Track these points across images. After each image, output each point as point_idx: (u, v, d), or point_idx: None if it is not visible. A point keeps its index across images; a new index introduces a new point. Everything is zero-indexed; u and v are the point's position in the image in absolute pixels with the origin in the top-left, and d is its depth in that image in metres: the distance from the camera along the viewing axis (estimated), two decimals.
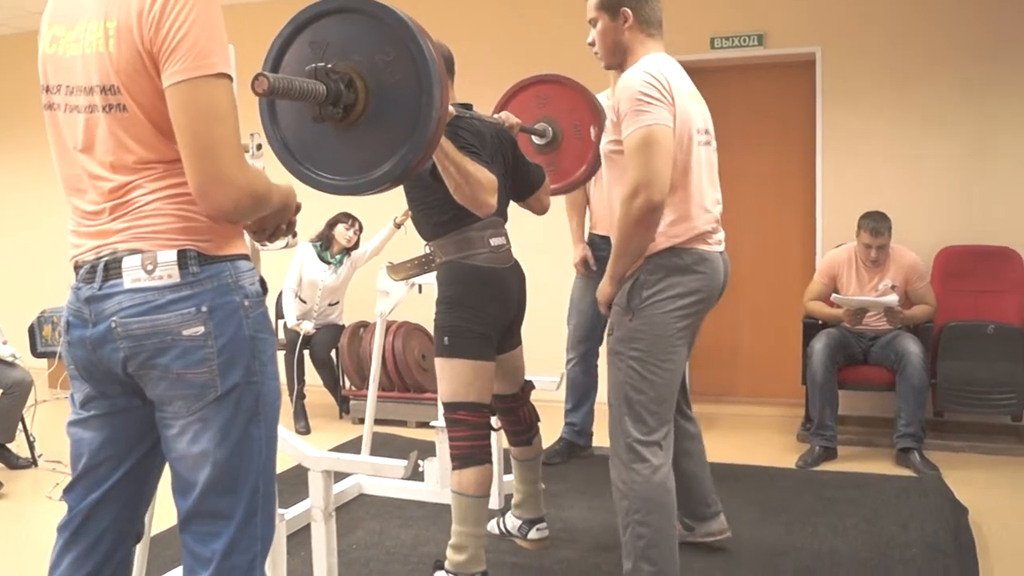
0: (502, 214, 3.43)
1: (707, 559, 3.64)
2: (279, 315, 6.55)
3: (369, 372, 4.97)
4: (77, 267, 1.98)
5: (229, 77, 1.87)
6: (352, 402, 6.37)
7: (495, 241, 3.35)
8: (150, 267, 1.87)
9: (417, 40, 2.22)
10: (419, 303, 3.69)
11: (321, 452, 3.08)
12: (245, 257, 2.01)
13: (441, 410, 3.39)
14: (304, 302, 6.32)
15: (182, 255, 1.88)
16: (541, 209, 3.67)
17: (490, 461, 3.31)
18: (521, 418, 3.66)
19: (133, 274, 1.88)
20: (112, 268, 1.90)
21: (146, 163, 1.90)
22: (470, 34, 6.75)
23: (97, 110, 1.91)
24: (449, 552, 3.30)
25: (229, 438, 1.95)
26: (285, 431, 2.97)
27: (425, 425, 5.63)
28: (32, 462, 5.32)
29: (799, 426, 5.66)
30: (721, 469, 4.84)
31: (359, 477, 4.53)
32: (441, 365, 3.32)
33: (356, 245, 6.41)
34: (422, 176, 3.16)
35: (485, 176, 3.05)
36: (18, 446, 5.33)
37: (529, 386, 3.69)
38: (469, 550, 3.26)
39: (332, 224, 6.33)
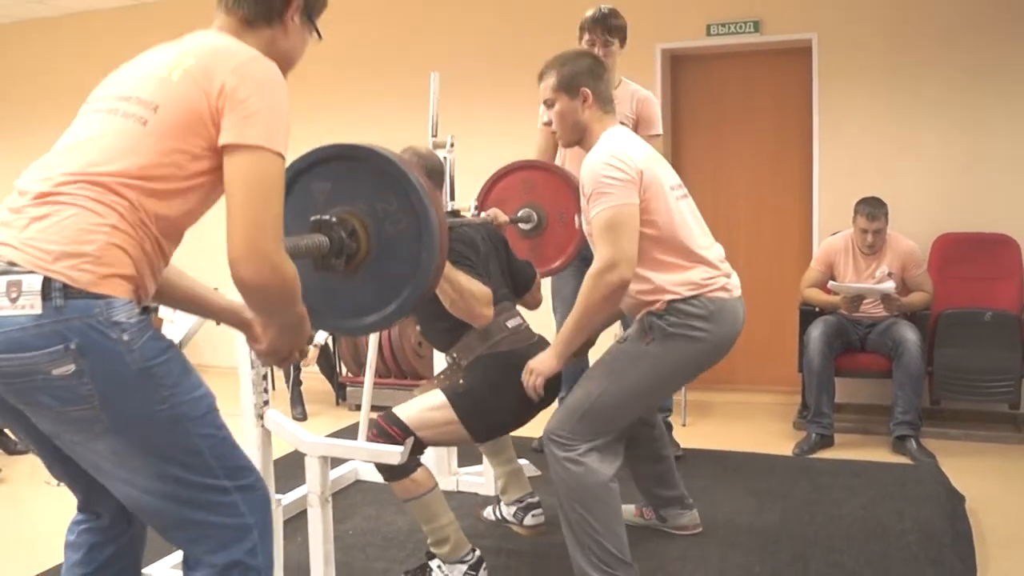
0: (508, 298, 3.45)
1: (704, 546, 3.65)
2: None
3: (365, 358, 4.97)
4: None
5: (283, 161, 1.92)
6: (348, 388, 6.37)
7: (512, 323, 3.36)
8: (14, 295, 1.75)
9: (418, 192, 2.25)
10: None
11: (317, 438, 3.07)
12: (123, 299, 1.84)
13: (382, 413, 3.28)
14: None
15: (47, 284, 1.75)
16: (535, 304, 3.71)
17: (421, 463, 3.26)
18: None
19: None
20: None
21: (111, 174, 1.85)
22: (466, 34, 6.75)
23: (117, 114, 1.92)
24: (433, 549, 3.29)
25: (154, 461, 1.89)
26: (282, 417, 2.97)
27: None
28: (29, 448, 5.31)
29: (796, 413, 5.66)
30: (717, 456, 4.86)
31: (355, 463, 4.53)
32: (437, 398, 3.24)
33: None
34: None
35: (479, 289, 3.10)
36: None
37: None
38: (450, 539, 3.25)
39: None
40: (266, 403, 2.97)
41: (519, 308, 3.53)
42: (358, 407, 5.00)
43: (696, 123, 6.57)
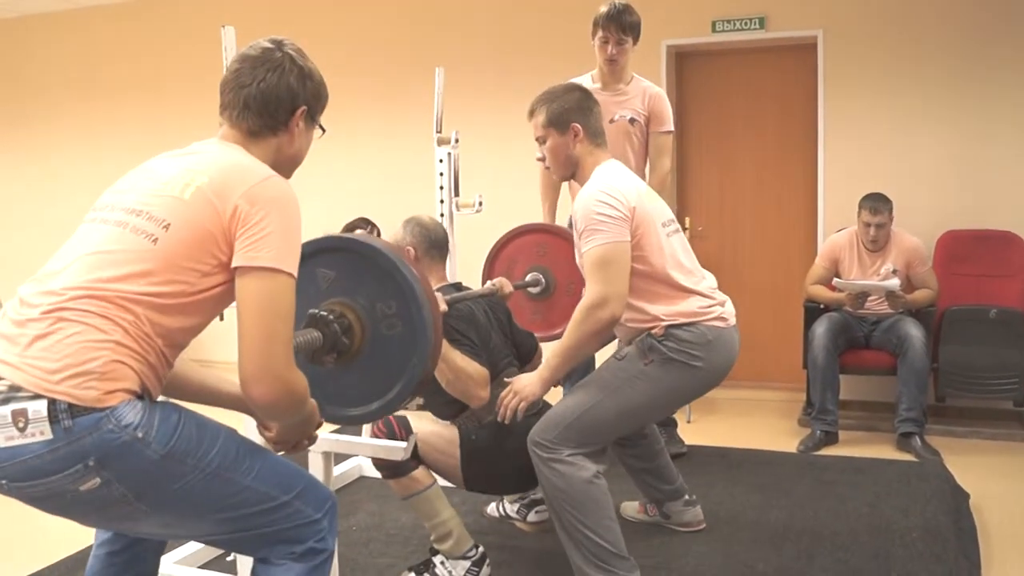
0: (514, 364, 3.46)
1: (708, 542, 3.64)
2: None
3: None
4: None
5: (294, 281, 1.95)
6: None
7: None
8: (21, 424, 1.76)
9: (420, 305, 2.28)
10: None
11: (321, 433, 3.07)
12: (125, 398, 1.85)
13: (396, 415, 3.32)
14: None
15: (52, 407, 1.76)
16: None
17: (420, 463, 3.28)
18: None
19: (6, 431, 1.76)
20: None
21: (118, 291, 1.86)
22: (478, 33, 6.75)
23: (126, 228, 1.94)
24: (435, 544, 3.30)
25: (205, 515, 1.96)
26: None
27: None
28: None
29: (800, 410, 5.66)
30: (722, 453, 4.85)
31: (359, 459, 4.53)
32: (451, 431, 3.30)
33: None
34: None
35: (476, 370, 3.11)
36: None
37: None
38: (452, 534, 3.26)
39: (350, 229, 6.28)
40: None
41: None
42: None
43: (701, 119, 6.55)
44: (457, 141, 4.25)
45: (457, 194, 4.24)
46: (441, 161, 4.16)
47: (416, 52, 6.81)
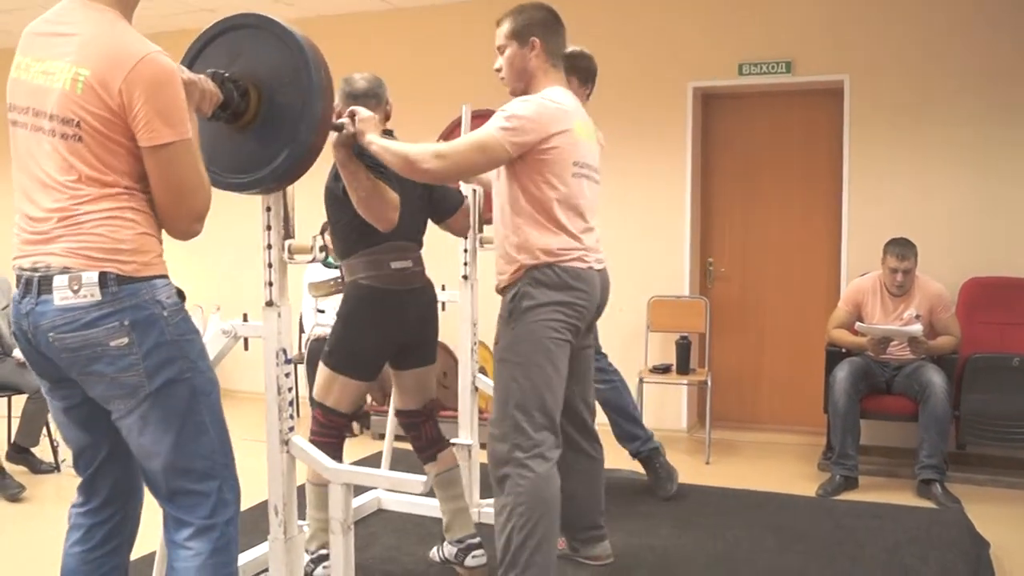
0: (414, 239, 3.61)
1: None
2: (301, 331, 6.61)
3: (390, 388, 4.98)
4: (18, 274, 2.30)
5: (190, 139, 2.26)
6: (373, 417, 6.39)
7: (396, 264, 3.49)
8: (76, 287, 2.20)
9: (311, 73, 2.52)
10: (441, 320, 3.70)
11: (341, 465, 3.09)
12: (162, 276, 2.32)
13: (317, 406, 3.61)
14: (322, 312, 6.37)
15: (103, 277, 2.20)
16: (459, 231, 3.92)
17: (339, 460, 3.39)
18: (423, 434, 3.77)
19: (61, 293, 2.21)
20: (44, 285, 2.23)
21: (91, 184, 2.22)
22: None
23: (56, 135, 2.22)
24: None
25: (171, 428, 2.30)
26: (306, 443, 2.99)
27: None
28: (55, 467, 5.36)
29: (820, 455, 5.64)
30: (741, 495, 4.83)
31: (378, 492, 4.54)
32: (320, 366, 3.59)
33: None
34: (336, 192, 3.40)
35: (391, 194, 3.24)
36: (42, 451, 5.37)
37: (433, 404, 3.81)
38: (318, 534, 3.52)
39: (321, 232, 6.32)
40: (291, 429, 2.99)
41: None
42: (382, 436, 5.02)
43: (727, 161, 6.59)
44: None
45: (482, 230, 4.26)
46: (466, 197, 4.20)
47: (443, 88, 6.86)
